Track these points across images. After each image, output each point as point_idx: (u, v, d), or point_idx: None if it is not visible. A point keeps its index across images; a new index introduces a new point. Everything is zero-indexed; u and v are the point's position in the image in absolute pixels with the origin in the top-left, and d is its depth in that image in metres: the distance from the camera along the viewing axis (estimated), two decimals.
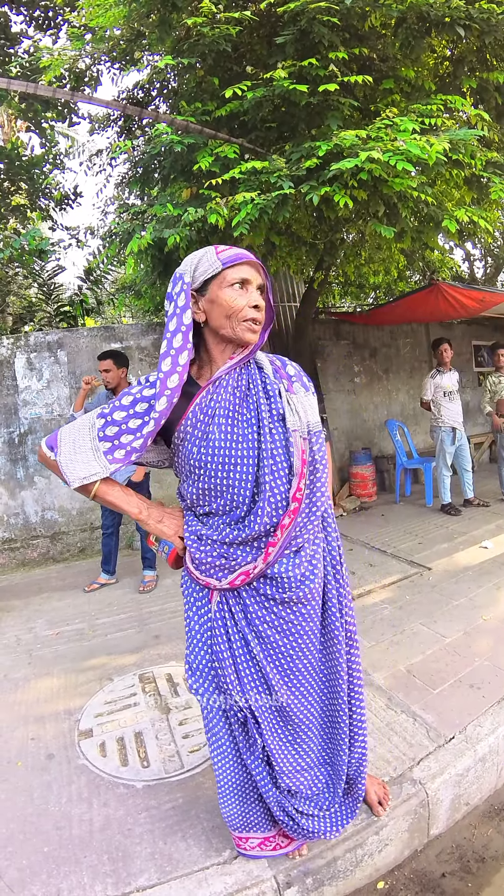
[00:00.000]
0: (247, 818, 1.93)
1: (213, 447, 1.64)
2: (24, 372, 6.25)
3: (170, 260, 5.53)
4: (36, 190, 8.46)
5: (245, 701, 1.74)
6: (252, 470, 1.64)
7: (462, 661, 3.21)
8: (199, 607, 1.82)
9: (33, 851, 2.13)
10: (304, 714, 1.84)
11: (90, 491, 1.70)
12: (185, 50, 4.45)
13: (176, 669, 3.42)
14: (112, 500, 1.73)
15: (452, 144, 3.86)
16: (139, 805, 2.33)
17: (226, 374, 1.68)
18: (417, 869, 2.16)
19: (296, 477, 1.65)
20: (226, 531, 1.68)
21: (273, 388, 1.70)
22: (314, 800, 1.93)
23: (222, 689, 1.77)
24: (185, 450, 1.68)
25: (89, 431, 1.66)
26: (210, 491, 1.67)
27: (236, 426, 1.65)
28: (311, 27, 4.07)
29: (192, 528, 1.74)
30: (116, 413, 1.66)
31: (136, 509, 1.76)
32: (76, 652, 3.83)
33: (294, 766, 1.85)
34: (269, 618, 1.72)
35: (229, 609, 1.75)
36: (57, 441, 1.68)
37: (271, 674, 1.74)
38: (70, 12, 6.25)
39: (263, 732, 1.76)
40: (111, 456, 1.63)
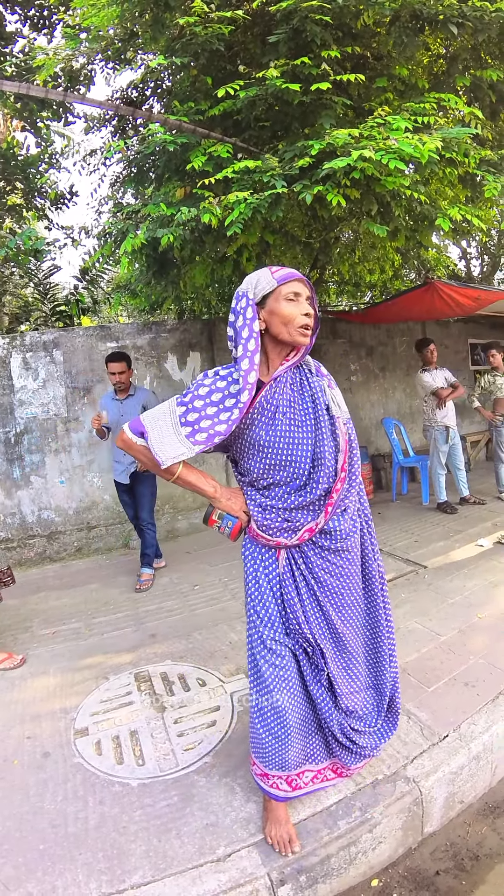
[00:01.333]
0: (307, 750, 2.21)
1: (278, 430, 1.99)
2: (19, 372, 6.24)
3: (164, 259, 5.54)
4: (31, 189, 8.45)
5: (312, 635, 2.08)
6: (310, 448, 2.00)
7: (457, 659, 3.22)
8: (266, 566, 2.14)
9: (29, 849, 2.13)
10: (355, 642, 2.20)
11: (174, 473, 1.98)
12: (179, 49, 4.45)
13: (171, 668, 3.43)
14: (192, 481, 2.04)
15: (445, 142, 3.86)
16: (134, 803, 2.33)
17: (284, 373, 2.03)
18: (411, 867, 2.17)
19: (341, 453, 2.02)
20: (289, 499, 2.03)
21: (319, 384, 2.07)
22: (365, 719, 2.25)
23: (291, 630, 2.11)
24: (253, 432, 2.01)
25: (170, 417, 1.93)
26: (275, 466, 2.01)
27: (296, 414, 2.02)
28: (304, 26, 4.06)
29: (255, 500, 2.08)
30: (196, 401, 1.93)
31: (211, 489, 2.07)
32: (72, 651, 3.83)
33: (350, 687, 2.19)
34: (325, 565, 2.09)
35: (295, 562, 2.10)
36: (143, 427, 1.95)
37: (329, 610, 2.10)
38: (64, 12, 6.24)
39: (328, 662, 2.11)
40: (193, 439, 1.88)
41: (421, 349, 6.77)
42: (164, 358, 6.98)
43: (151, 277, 6.40)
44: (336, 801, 2.25)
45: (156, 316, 10.78)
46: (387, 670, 2.27)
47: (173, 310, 10.04)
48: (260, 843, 2.08)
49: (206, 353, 7.14)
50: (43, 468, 6.34)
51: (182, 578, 5.09)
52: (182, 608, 4.39)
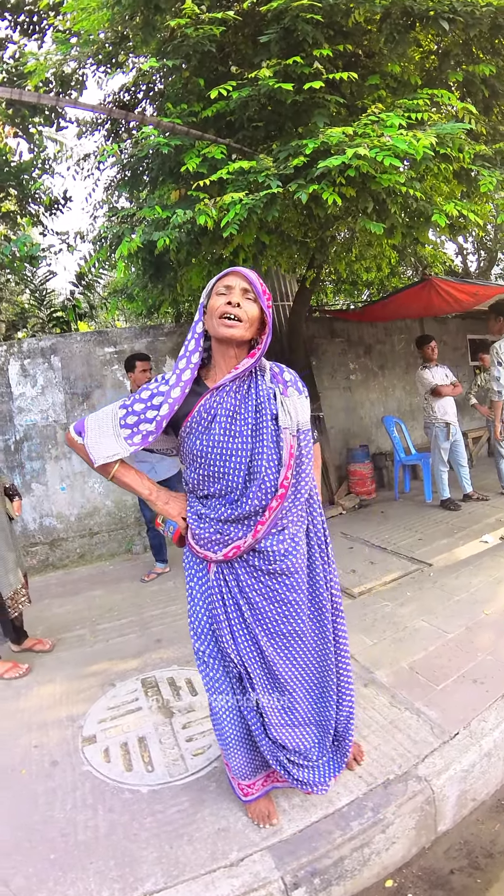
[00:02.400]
0: (254, 763, 2.19)
1: (212, 440, 1.91)
2: (18, 379, 6.23)
3: (160, 262, 5.52)
4: (25, 195, 8.44)
5: (239, 657, 2.01)
6: (245, 460, 1.92)
7: (465, 657, 3.21)
8: (199, 578, 2.09)
9: (39, 859, 2.12)
10: (290, 675, 2.08)
11: (109, 472, 2.00)
12: (170, 51, 4.44)
13: (178, 673, 3.42)
14: (127, 482, 2.03)
15: (440, 138, 3.85)
16: (144, 810, 2.32)
17: (230, 382, 1.93)
18: (425, 866, 2.15)
19: (283, 467, 1.91)
20: (221, 510, 1.95)
21: (268, 391, 1.97)
22: (304, 754, 2.15)
23: (220, 646, 2.06)
24: (190, 441, 1.95)
25: (112, 419, 1.96)
26: (209, 477, 1.95)
27: (234, 424, 1.93)
28: (295, 25, 4.05)
29: (194, 508, 2.03)
30: (136, 405, 1.95)
31: (146, 491, 2.06)
32: (78, 658, 3.82)
33: (282, 720, 2.09)
34: (257, 586, 1.99)
35: (224, 578, 2.02)
36: (84, 427, 1.98)
37: (260, 636, 2.00)
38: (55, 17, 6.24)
39: (255, 687, 2.02)
40: (130, 441, 1.91)
41: (421, 346, 6.73)
42: (163, 361, 6.96)
43: (148, 281, 6.38)
44: (348, 802, 2.23)
45: (153, 320, 10.78)
46: (333, 708, 2.18)
47: (170, 313, 10.02)
48: (273, 846, 2.07)
49: None
50: (43, 475, 6.32)
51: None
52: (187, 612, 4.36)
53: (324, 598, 2.11)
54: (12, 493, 3.95)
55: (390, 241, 5.63)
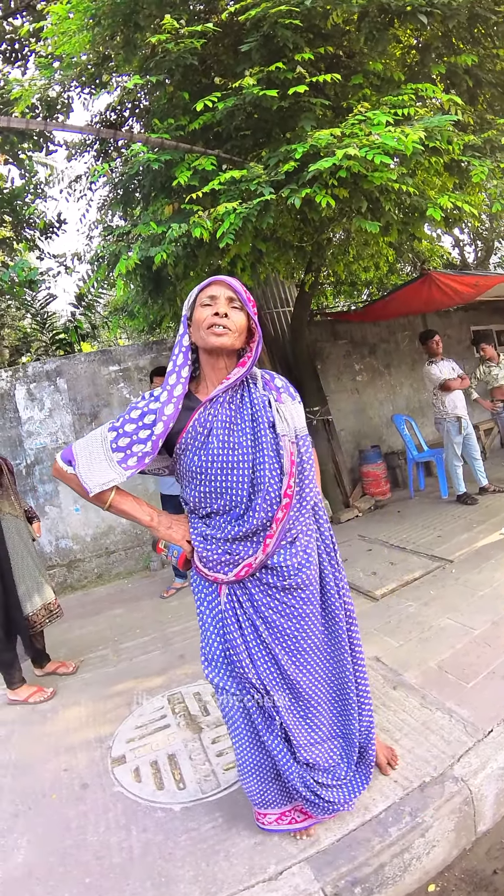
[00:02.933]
0: (265, 795, 2.09)
1: (211, 455, 1.86)
2: (25, 403, 6.26)
3: (159, 278, 5.54)
4: (20, 221, 8.52)
5: (260, 681, 1.92)
6: (248, 472, 1.86)
7: (493, 652, 3.16)
8: (209, 602, 2.01)
9: (75, 883, 2.10)
10: (313, 689, 2.02)
11: (105, 501, 1.91)
12: (153, 68, 4.46)
13: (204, 688, 3.39)
14: (125, 509, 1.95)
15: (428, 132, 3.84)
16: (178, 828, 2.29)
17: (222, 393, 1.89)
18: (468, 868, 2.11)
19: (286, 476, 1.87)
20: (228, 528, 1.89)
21: (263, 399, 1.92)
22: (331, 771, 2.09)
23: (237, 674, 1.96)
24: (187, 458, 1.89)
25: (102, 444, 1.87)
26: (211, 493, 1.88)
27: (232, 436, 1.88)
28: (275, 31, 4.07)
29: (198, 529, 1.96)
30: (127, 426, 1.87)
31: (147, 517, 1.99)
32: (102, 678, 3.80)
33: (309, 739, 2.03)
34: (272, 604, 1.92)
35: (237, 599, 1.94)
36: (73, 455, 1.89)
37: (280, 654, 1.94)
38: (36, 42, 6.30)
39: (280, 710, 1.95)
40: (125, 464, 1.84)
41: (425, 341, 6.69)
42: None
43: (148, 297, 6.40)
44: (384, 808, 2.19)
45: (155, 335, 10.80)
46: (355, 718, 2.11)
47: (172, 328, 10.04)
48: (312, 857, 2.03)
49: None
50: (57, 497, 6.33)
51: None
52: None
53: (337, 608, 2.06)
54: (31, 515, 3.97)
55: (386, 238, 5.62)
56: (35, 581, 3.71)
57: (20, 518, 3.78)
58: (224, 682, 1.99)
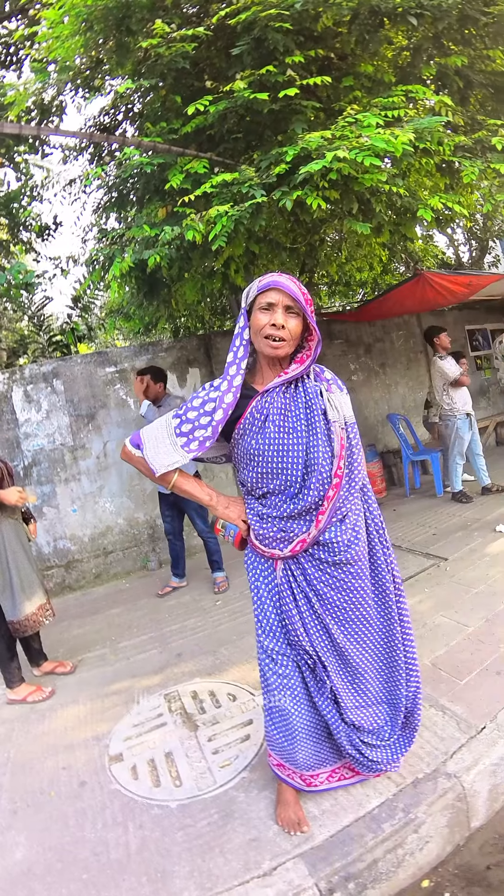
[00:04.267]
0: (319, 755, 2.23)
1: (268, 439, 1.99)
2: (22, 405, 6.27)
3: (153, 280, 5.57)
4: (16, 223, 8.51)
5: (313, 648, 2.07)
6: (302, 454, 1.98)
7: (487, 650, 3.19)
8: (266, 576, 2.14)
9: (72, 879, 2.12)
10: (361, 658, 2.15)
11: (169, 481, 2.08)
12: (145, 72, 4.49)
13: (201, 686, 3.42)
14: (188, 489, 2.12)
15: (418, 134, 3.86)
16: (175, 824, 2.32)
17: (278, 386, 2.03)
18: (461, 863, 2.13)
19: (336, 458, 1.99)
20: (283, 507, 2.02)
21: (314, 389, 2.04)
22: (376, 733, 2.21)
23: (292, 641, 2.10)
24: (245, 442, 2.03)
25: (166, 429, 2.03)
26: (268, 474, 2.01)
27: (287, 421, 2.00)
28: (266, 35, 4.09)
29: (255, 509, 2.09)
30: (189, 413, 2.02)
31: (207, 497, 2.14)
32: (100, 677, 3.83)
33: (356, 702, 2.16)
34: (324, 578, 2.05)
35: (292, 574, 2.07)
36: (141, 440, 2.07)
37: (331, 624, 2.07)
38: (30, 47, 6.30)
39: (330, 675, 2.09)
40: (187, 448, 1.99)
41: (435, 335, 6.57)
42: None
43: (143, 299, 6.44)
44: (378, 804, 2.22)
45: (151, 336, 10.82)
46: (402, 685, 2.22)
47: (168, 329, 10.08)
48: (306, 853, 2.06)
49: (205, 368, 7.15)
50: (54, 498, 6.35)
51: (203, 595, 5.07)
52: (206, 625, 4.37)
53: (386, 581, 2.17)
54: (27, 516, 4.00)
55: (378, 239, 5.65)
56: (31, 583, 3.73)
57: (18, 520, 3.81)
58: (282, 647, 2.13)
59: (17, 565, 3.65)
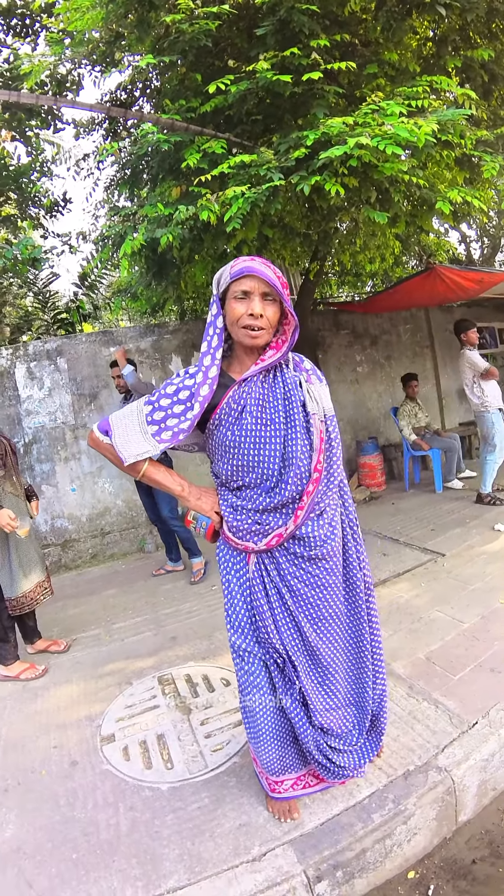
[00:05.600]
0: (284, 761, 2.17)
1: (244, 430, 1.92)
2: (24, 382, 6.24)
3: (164, 260, 5.51)
4: (25, 199, 8.44)
5: (283, 646, 2.01)
6: (279, 447, 1.93)
7: (481, 646, 3.19)
8: (237, 570, 2.08)
9: (62, 859, 2.13)
10: (331, 657, 2.09)
11: (139, 471, 2.00)
12: (166, 48, 4.42)
13: (195, 670, 3.42)
14: (158, 479, 2.04)
15: (441, 125, 3.81)
16: (165, 807, 2.33)
17: (255, 374, 1.94)
18: (447, 856, 2.15)
19: (315, 452, 1.93)
20: (259, 500, 1.96)
21: (294, 379, 1.97)
22: (344, 737, 2.15)
23: (261, 639, 2.04)
24: (220, 433, 1.95)
25: (137, 416, 1.94)
26: (243, 467, 1.94)
27: (265, 412, 1.93)
28: (291, 16, 4.03)
29: (228, 500, 2.02)
30: (162, 400, 1.93)
31: (178, 487, 2.06)
32: (94, 658, 3.83)
33: (325, 705, 2.10)
34: (298, 573, 1.99)
35: (265, 568, 2.01)
36: (109, 426, 1.96)
37: (303, 622, 2.01)
38: (48, 18, 6.23)
39: (300, 675, 2.03)
40: (158, 437, 1.91)
41: (467, 330, 6.25)
42: (168, 360, 6.97)
43: (151, 279, 6.37)
44: (369, 794, 2.23)
45: (157, 318, 10.76)
46: (369, 687, 2.18)
47: (174, 311, 10.02)
48: (295, 840, 2.07)
49: None
50: (53, 477, 6.34)
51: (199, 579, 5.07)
52: (201, 609, 4.37)
53: (357, 579, 2.13)
54: (29, 493, 3.99)
55: (394, 230, 5.59)
56: (29, 561, 3.73)
57: (20, 497, 3.80)
58: (250, 646, 2.07)
59: (17, 543, 3.65)
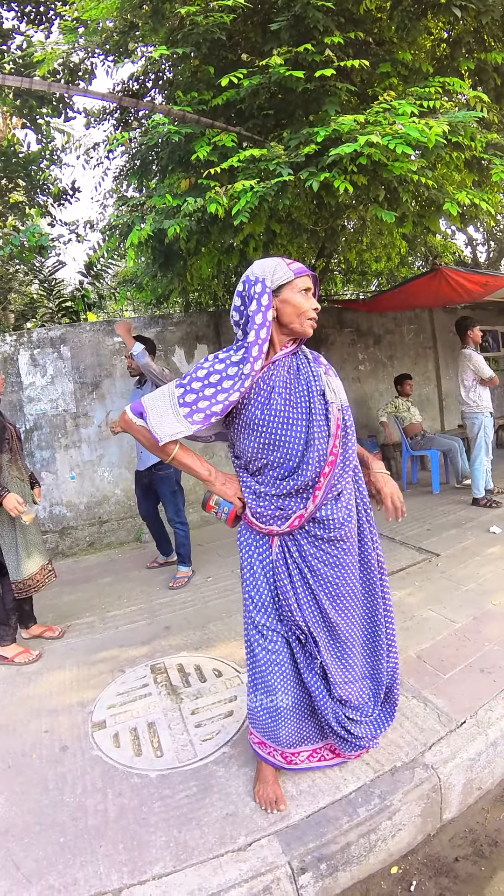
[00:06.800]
0: (301, 733, 2.27)
1: (273, 410, 2.02)
2: (27, 368, 6.25)
3: (170, 251, 5.52)
4: (34, 186, 8.43)
5: (305, 623, 2.11)
6: (304, 428, 2.03)
7: (472, 646, 3.21)
8: (260, 553, 2.18)
9: (49, 842, 2.15)
10: (349, 632, 2.21)
11: (169, 453, 2.06)
12: (180, 39, 4.41)
13: (187, 660, 3.44)
14: (187, 462, 2.10)
15: (452, 126, 3.81)
16: (153, 794, 2.34)
17: (283, 358, 2.10)
18: (431, 853, 2.17)
19: (332, 437, 2.05)
20: (280, 484, 2.06)
21: (315, 370, 2.11)
22: (360, 709, 2.28)
23: (284, 617, 2.15)
24: (248, 412, 2.04)
25: (169, 399, 2.00)
26: (269, 445, 2.03)
27: (292, 395, 2.06)
28: (306, 12, 4.02)
29: (251, 487, 2.12)
30: (194, 383, 2.00)
31: (206, 472, 2.13)
32: (88, 645, 3.85)
33: (344, 677, 2.22)
34: (319, 554, 2.12)
35: (287, 550, 2.13)
36: (144, 408, 2.02)
37: (323, 599, 2.13)
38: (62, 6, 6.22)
39: (321, 650, 2.14)
40: (190, 419, 1.95)
41: (470, 328, 6.25)
42: (172, 351, 6.98)
43: (157, 270, 6.39)
44: (355, 788, 2.25)
45: (161, 309, 10.76)
46: (384, 660, 2.30)
47: (179, 303, 10.02)
48: (281, 831, 2.08)
49: (213, 346, 7.12)
50: (53, 464, 6.36)
51: (195, 571, 5.08)
52: (196, 600, 4.40)
53: (372, 559, 2.25)
54: (33, 480, 4.04)
55: (401, 229, 5.60)
56: (35, 544, 3.78)
57: (25, 482, 3.84)
58: (273, 623, 2.17)
59: (22, 527, 3.67)
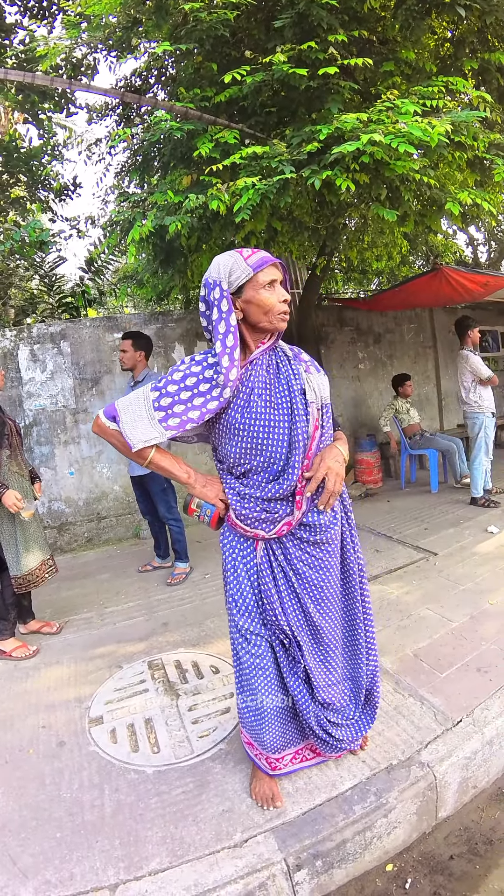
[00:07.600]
0: (285, 736, 2.25)
1: (254, 413, 1.95)
2: (27, 364, 6.25)
3: (171, 248, 5.51)
4: (35, 181, 8.43)
5: (289, 627, 2.08)
6: (287, 431, 1.97)
7: (469, 645, 3.22)
8: (244, 556, 2.14)
9: (46, 837, 2.15)
10: (331, 635, 2.20)
11: (145, 457, 2.00)
12: (183, 36, 4.40)
13: (185, 656, 3.45)
14: (164, 466, 2.04)
15: (454, 126, 3.81)
16: (150, 790, 2.35)
17: (260, 356, 2.02)
18: (426, 851, 2.18)
19: (310, 439, 2.00)
20: (266, 487, 2.00)
21: (295, 368, 2.04)
22: (342, 711, 2.28)
23: (268, 621, 2.12)
24: (229, 416, 1.96)
25: (144, 402, 1.93)
26: (252, 449, 1.96)
27: (273, 396, 1.99)
28: (310, 10, 4.01)
29: (234, 489, 2.05)
30: (170, 386, 1.92)
31: (184, 474, 2.07)
32: (85, 640, 3.86)
33: (327, 680, 2.21)
34: (304, 557, 2.09)
35: (273, 553, 2.09)
36: (116, 411, 1.96)
37: (307, 602, 2.10)
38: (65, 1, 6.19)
39: (304, 654, 2.12)
40: (165, 424, 1.90)
41: (470, 328, 6.26)
42: (172, 348, 6.97)
43: (158, 267, 6.38)
44: (351, 786, 2.26)
45: (162, 306, 10.76)
46: (363, 663, 2.29)
47: (180, 300, 10.01)
48: (277, 828, 2.09)
49: None
50: (52, 460, 6.36)
51: (192, 567, 5.09)
52: (193, 597, 4.40)
53: (352, 561, 2.23)
54: (33, 475, 4.05)
55: (402, 228, 5.59)
56: (35, 539, 3.79)
57: (25, 478, 3.85)
58: (256, 628, 2.14)
59: (22, 521, 3.68)
